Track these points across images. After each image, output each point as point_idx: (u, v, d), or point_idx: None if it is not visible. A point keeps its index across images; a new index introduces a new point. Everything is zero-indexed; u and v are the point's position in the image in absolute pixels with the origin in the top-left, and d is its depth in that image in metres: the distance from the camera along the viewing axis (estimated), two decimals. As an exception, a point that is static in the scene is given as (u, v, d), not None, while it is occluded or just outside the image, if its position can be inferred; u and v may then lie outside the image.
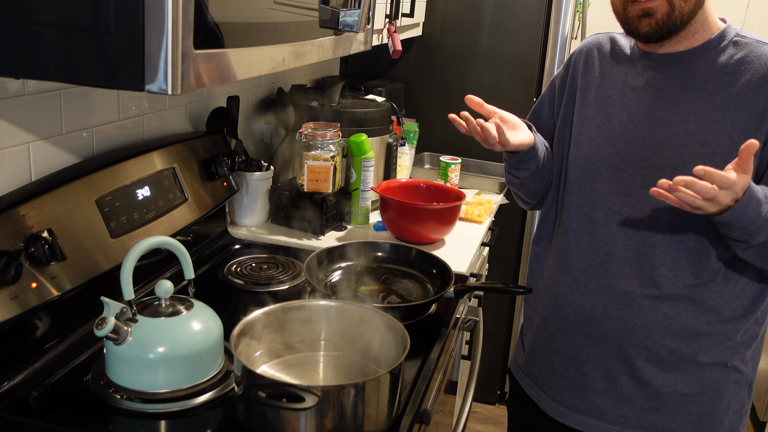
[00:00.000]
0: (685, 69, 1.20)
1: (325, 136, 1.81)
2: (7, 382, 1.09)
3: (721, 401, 1.26)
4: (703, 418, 1.26)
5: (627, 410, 1.29)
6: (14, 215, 1.10)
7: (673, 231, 1.21)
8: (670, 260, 1.21)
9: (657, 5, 1.14)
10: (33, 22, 0.87)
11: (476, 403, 2.99)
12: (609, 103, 1.27)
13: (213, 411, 1.08)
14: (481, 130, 1.19)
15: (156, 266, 1.48)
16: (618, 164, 1.24)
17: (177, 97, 1.67)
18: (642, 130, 1.22)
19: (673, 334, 1.23)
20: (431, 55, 2.69)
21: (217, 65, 0.92)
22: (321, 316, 1.22)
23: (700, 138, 1.15)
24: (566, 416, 1.35)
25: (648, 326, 1.24)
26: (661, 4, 1.14)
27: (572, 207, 1.32)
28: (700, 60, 1.19)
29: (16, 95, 1.19)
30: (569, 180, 1.33)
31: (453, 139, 2.69)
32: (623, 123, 1.24)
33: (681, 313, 1.22)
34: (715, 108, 1.16)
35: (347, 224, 1.95)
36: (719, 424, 1.27)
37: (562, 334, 1.35)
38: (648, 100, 1.22)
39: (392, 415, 1.07)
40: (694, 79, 1.19)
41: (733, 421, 1.30)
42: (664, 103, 1.20)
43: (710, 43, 1.19)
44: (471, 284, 1.49)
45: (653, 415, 1.28)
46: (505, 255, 2.77)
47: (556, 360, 1.37)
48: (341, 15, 1.30)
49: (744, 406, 1.31)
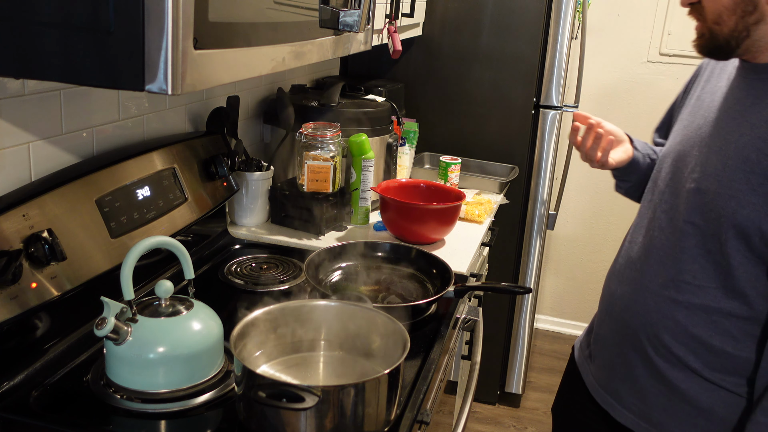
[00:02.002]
0: (763, 80, 1.13)
1: (325, 136, 1.81)
2: (7, 382, 1.09)
3: (730, 427, 1.19)
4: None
5: (641, 402, 1.28)
6: (14, 215, 1.10)
7: (704, 240, 1.17)
8: (697, 268, 1.18)
9: (700, 31, 1.15)
10: (33, 22, 0.87)
11: (476, 403, 2.99)
12: (699, 106, 1.26)
13: (213, 411, 1.08)
14: (588, 149, 1.34)
15: (156, 266, 1.48)
16: (679, 165, 1.24)
17: (177, 97, 1.67)
18: (706, 136, 1.19)
19: (682, 343, 1.21)
20: (431, 55, 2.69)
21: (217, 65, 0.92)
22: (321, 316, 1.22)
23: (745, 153, 1.10)
24: (596, 391, 1.38)
25: (663, 325, 1.23)
26: (703, 29, 1.14)
27: (643, 200, 1.35)
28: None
29: (16, 95, 1.19)
30: (651, 176, 1.36)
31: (453, 139, 2.69)
32: (696, 126, 1.23)
33: (695, 324, 1.19)
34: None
35: (347, 224, 1.95)
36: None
37: (602, 315, 1.39)
38: (724, 107, 1.19)
39: (392, 415, 1.07)
40: (766, 93, 1.13)
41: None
42: (734, 112, 1.16)
43: None
44: (471, 284, 1.49)
45: (662, 414, 1.25)
46: (505, 255, 2.77)
47: (598, 336, 1.40)
48: (341, 15, 1.30)
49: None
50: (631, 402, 1.30)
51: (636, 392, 1.29)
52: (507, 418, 2.92)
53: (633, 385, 1.29)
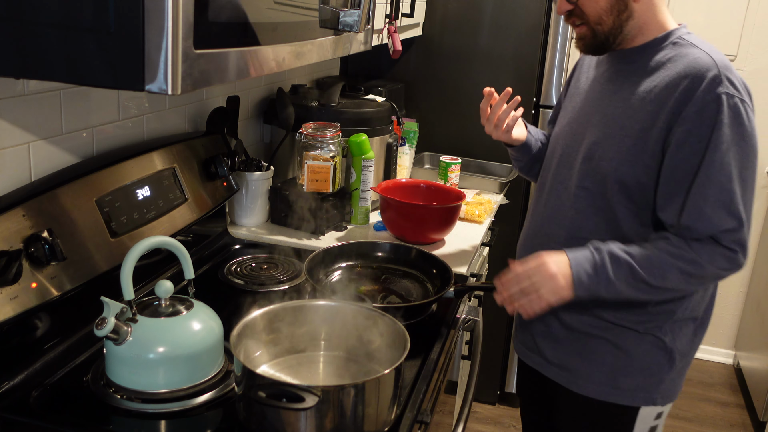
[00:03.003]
0: (628, 63, 1.36)
1: (325, 136, 1.81)
2: (7, 382, 1.09)
3: (633, 359, 1.37)
4: (615, 370, 1.38)
5: (558, 352, 1.45)
6: (14, 215, 1.10)
7: (594, 200, 1.37)
8: (591, 225, 1.37)
9: (583, 32, 1.34)
10: (33, 22, 0.87)
11: (476, 403, 2.99)
12: (579, 94, 1.48)
13: (213, 411, 1.08)
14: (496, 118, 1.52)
15: (156, 266, 1.48)
16: (568, 142, 1.44)
17: (177, 97, 1.67)
18: (586, 114, 1.41)
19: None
20: (431, 55, 2.68)
21: (216, 65, 0.92)
22: (321, 316, 1.22)
23: (620, 122, 1.32)
24: (524, 353, 1.55)
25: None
26: (586, 31, 1.34)
27: (540, 178, 1.55)
28: (641, 56, 1.34)
29: (16, 95, 1.19)
30: (545, 157, 1.56)
31: (453, 139, 2.69)
32: (578, 108, 1.45)
33: None
34: (638, 98, 1.30)
35: (347, 224, 1.95)
36: (631, 379, 1.38)
37: None
38: (599, 89, 1.41)
39: (392, 415, 1.07)
40: (632, 73, 1.34)
41: (648, 382, 1.39)
42: (608, 92, 1.38)
43: (653, 43, 1.34)
44: (471, 284, 1.49)
45: (575, 360, 1.42)
46: (505, 255, 2.76)
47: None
48: (341, 15, 1.30)
49: (662, 370, 1.38)
50: (551, 354, 1.46)
51: (552, 343, 1.45)
52: (507, 418, 2.92)
53: (550, 339, 1.46)
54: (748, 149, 1.23)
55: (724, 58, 1.27)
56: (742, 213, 1.24)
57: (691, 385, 3.27)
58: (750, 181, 1.25)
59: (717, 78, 1.22)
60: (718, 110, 1.21)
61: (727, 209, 1.22)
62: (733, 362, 3.50)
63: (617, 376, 1.38)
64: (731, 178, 1.22)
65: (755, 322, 3.19)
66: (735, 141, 1.22)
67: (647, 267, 1.25)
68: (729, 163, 1.22)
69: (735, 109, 1.21)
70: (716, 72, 1.23)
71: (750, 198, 1.26)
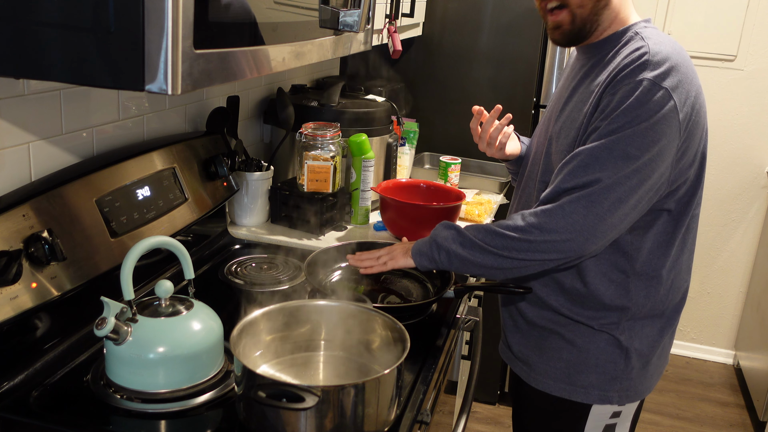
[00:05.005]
0: (589, 58, 1.37)
1: (325, 136, 1.81)
2: (7, 382, 1.09)
3: (588, 356, 1.37)
4: (570, 367, 1.39)
5: (526, 347, 1.46)
6: (14, 215, 1.10)
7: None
8: None
9: (562, 18, 1.31)
10: (33, 22, 0.87)
11: (476, 403, 2.99)
12: (554, 96, 1.51)
13: (213, 411, 1.08)
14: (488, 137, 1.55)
15: (156, 266, 1.48)
16: (540, 140, 1.47)
17: (177, 97, 1.67)
18: (554, 113, 1.43)
19: (543, 284, 1.39)
20: (431, 55, 2.68)
21: (216, 65, 0.92)
22: (321, 316, 1.22)
23: (572, 116, 1.33)
24: (501, 350, 1.58)
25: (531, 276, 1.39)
26: (565, 16, 1.31)
27: (519, 175, 1.59)
28: (599, 50, 1.35)
29: (16, 95, 1.19)
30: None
31: (453, 139, 2.69)
32: (551, 109, 1.48)
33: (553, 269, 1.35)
34: (588, 92, 1.32)
35: (347, 224, 1.95)
36: (585, 376, 1.38)
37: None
38: (566, 85, 1.44)
39: (392, 415, 1.07)
40: (592, 67, 1.36)
41: (602, 380, 1.38)
42: (569, 87, 1.41)
43: (612, 37, 1.34)
44: (471, 284, 1.49)
45: (533, 354, 1.44)
46: (505, 255, 2.77)
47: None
48: (341, 15, 1.30)
49: (617, 369, 1.37)
50: (517, 350, 1.49)
51: (518, 338, 1.48)
52: (507, 418, 2.92)
53: (517, 334, 1.48)
54: (641, 132, 1.20)
55: (673, 53, 1.24)
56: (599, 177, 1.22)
57: (691, 385, 3.27)
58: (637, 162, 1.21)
59: (644, 65, 1.21)
60: (631, 94, 1.20)
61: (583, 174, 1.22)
62: (733, 362, 3.50)
63: (572, 373, 1.39)
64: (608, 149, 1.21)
65: (755, 322, 3.19)
66: (630, 123, 1.19)
67: (474, 228, 1.31)
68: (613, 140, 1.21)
69: (649, 94, 1.19)
70: (646, 59, 1.22)
71: (637, 183, 1.21)
